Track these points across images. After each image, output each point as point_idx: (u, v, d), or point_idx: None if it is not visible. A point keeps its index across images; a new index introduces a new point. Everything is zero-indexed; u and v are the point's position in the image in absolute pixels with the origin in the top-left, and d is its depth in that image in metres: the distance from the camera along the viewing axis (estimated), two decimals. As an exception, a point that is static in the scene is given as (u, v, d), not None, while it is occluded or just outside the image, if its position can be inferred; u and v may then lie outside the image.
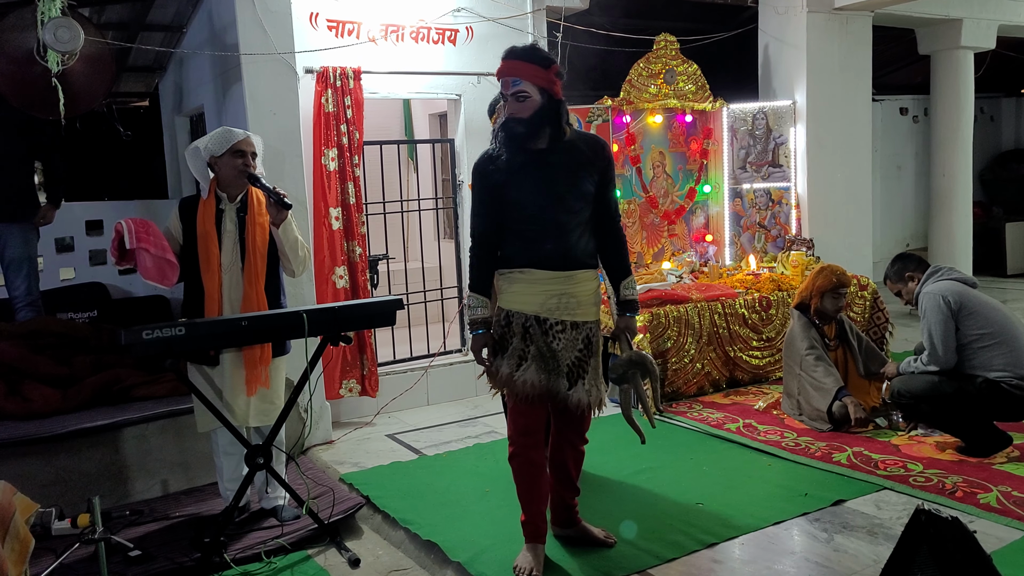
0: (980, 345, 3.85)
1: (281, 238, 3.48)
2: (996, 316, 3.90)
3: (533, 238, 2.94)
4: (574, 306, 2.95)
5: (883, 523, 3.29)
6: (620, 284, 3.10)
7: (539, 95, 2.86)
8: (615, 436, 4.22)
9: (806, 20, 6.46)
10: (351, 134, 4.90)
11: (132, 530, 3.53)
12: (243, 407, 3.46)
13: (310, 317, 3.26)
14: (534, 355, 2.93)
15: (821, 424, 4.41)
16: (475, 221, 3.06)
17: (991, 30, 7.86)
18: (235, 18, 4.36)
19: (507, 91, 2.87)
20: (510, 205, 2.95)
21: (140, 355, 3.11)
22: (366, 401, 5.16)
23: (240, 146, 3.42)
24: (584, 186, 2.96)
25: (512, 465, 3.06)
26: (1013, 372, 3.78)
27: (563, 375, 2.94)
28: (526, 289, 2.95)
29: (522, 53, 2.88)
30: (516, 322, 2.95)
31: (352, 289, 4.97)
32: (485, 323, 3.02)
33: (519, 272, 2.96)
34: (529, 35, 5.62)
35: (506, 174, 2.92)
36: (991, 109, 11.51)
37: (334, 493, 3.76)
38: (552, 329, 2.93)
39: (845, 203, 6.71)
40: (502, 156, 2.93)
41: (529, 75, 2.84)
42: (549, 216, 2.92)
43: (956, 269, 4.14)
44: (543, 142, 2.92)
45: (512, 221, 2.97)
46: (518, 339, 2.94)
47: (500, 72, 2.92)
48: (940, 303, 3.88)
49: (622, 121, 6.02)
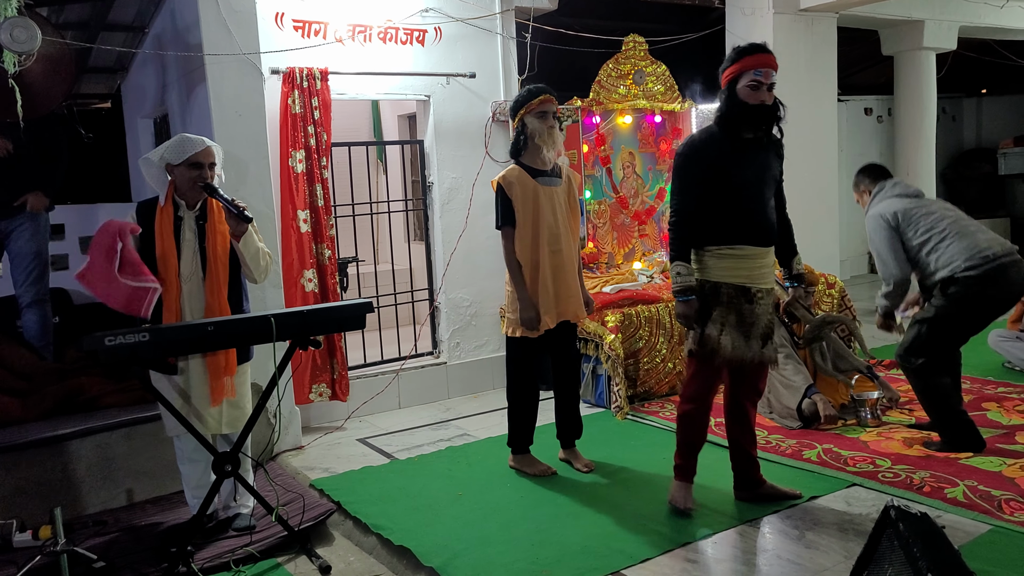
0: (931, 247, 3.94)
1: (242, 250, 3.40)
2: (941, 213, 4.02)
3: (746, 217, 3.30)
4: (767, 275, 3.38)
5: (853, 519, 3.32)
6: (791, 261, 3.56)
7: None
8: (587, 436, 4.21)
9: (772, 21, 6.53)
10: (319, 135, 4.85)
11: (96, 540, 3.45)
12: (215, 416, 3.40)
13: (278, 321, 3.20)
14: (732, 322, 3.29)
15: (791, 422, 4.44)
16: (683, 200, 3.35)
17: (952, 31, 8.00)
18: (198, 18, 4.28)
19: (766, 80, 3.21)
20: (728, 186, 3.28)
21: (103, 362, 3.03)
22: (336, 405, 5.11)
23: (197, 158, 3.31)
24: (776, 174, 3.42)
25: (684, 419, 3.48)
26: (966, 257, 3.84)
27: (759, 337, 3.33)
28: (736, 263, 3.30)
29: (768, 48, 3.27)
30: (724, 292, 3.30)
31: (321, 292, 4.91)
32: (692, 289, 3.32)
33: (729, 248, 3.30)
34: (498, 35, 5.61)
35: (729, 156, 3.27)
36: (953, 109, 11.71)
37: (304, 499, 3.71)
38: (755, 296, 3.31)
39: (812, 202, 6.78)
40: (722, 139, 3.28)
41: (777, 69, 3.26)
42: (759, 198, 3.32)
43: (902, 183, 4.26)
44: (769, 130, 3.31)
45: (726, 201, 3.29)
46: (723, 308, 3.30)
47: (760, 63, 3.21)
48: (880, 223, 4.06)
49: (592, 122, 6.03)
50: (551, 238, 3.85)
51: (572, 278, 3.92)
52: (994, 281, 3.84)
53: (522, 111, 3.86)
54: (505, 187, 3.86)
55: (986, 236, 3.95)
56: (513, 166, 3.92)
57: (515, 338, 3.95)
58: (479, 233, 5.62)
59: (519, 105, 3.87)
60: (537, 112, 3.82)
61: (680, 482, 3.52)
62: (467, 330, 5.68)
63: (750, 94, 3.23)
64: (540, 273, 3.86)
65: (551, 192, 3.88)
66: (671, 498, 3.50)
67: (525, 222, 3.85)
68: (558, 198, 3.89)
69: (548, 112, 3.82)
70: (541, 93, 3.83)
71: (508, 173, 3.90)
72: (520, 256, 3.87)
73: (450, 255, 5.54)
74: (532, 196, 3.84)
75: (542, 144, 3.82)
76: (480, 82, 5.55)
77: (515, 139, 3.91)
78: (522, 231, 3.85)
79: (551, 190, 3.88)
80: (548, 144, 3.82)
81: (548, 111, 3.82)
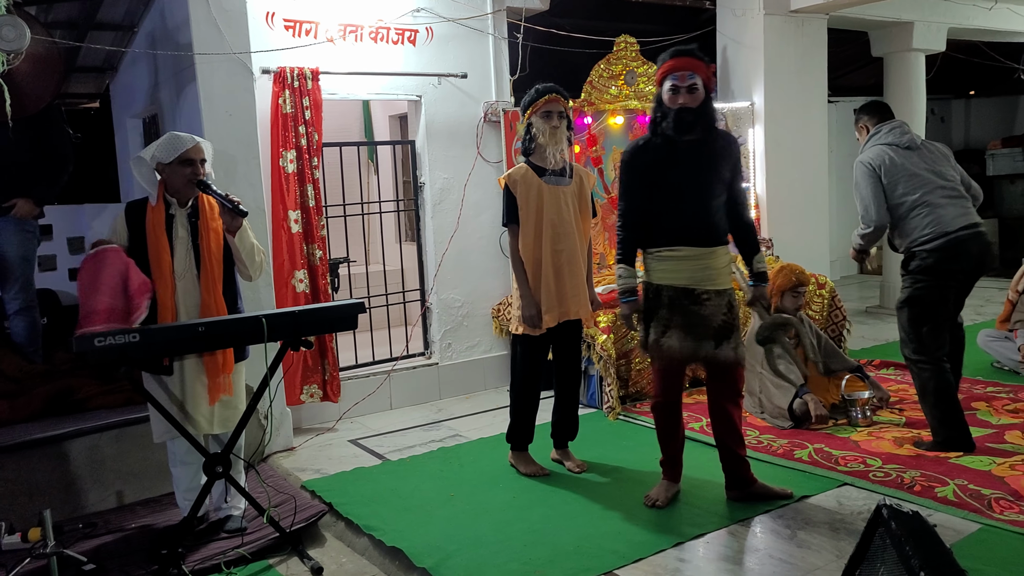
0: (900, 213, 4.03)
1: (237, 245, 3.39)
2: (920, 179, 4.01)
3: (683, 219, 3.36)
4: (714, 276, 3.38)
5: (844, 518, 3.33)
6: (752, 260, 3.56)
7: (703, 89, 3.31)
8: (579, 436, 4.21)
9: (763, 23, 6.54)
10: (310, 135, 4.83)
11: (86, 543, 3.43)
12: (207, 416, 3.37)
13: (270, 322, 3.19)
14: (678, 323, 3.34)
15: (783, 421, 4.45)
16: (625, 204, 3.47)
17: (941, 33, 8.04)
18: (188, 17, 4.26)
19: (683, 83, 3.27)
20: (665, 189, 3.35)
21: (92, 363, 3.01)
22: (328, 406, 5.09)
23: (189, 155, 3.30)
24: (723, 174, 3.41)
25: (654, 414, 3.59)
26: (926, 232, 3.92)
27: (711, 337, 3.35)
28: (676, 265, 3.37)
29: (693, 51, 3.33)
30: (665, 294, 3.37)
31: (312, 293, 4.90)
32: (633, 291, 3.46)
33: (668, 250, 3.37)
34: (490, 36, 5.61)
35: (664, 160, 3.34)
36: (941, 110, 11.77)
37: (296, 501, 3.70)
38: (700, 298, 3.34)
39: (803, 203, 6.80)
40: (659, 144, 3.35)
41: (701, 71, 3.30)
42: (699, 200, 3.35)
43: (898, 129, 4.16)
44: (699, 132, 3.31)
45: (664, 204, 3.37)
46: (665, 309, 3.37)
47: (676, 67, 3.29)
48: (866, 169, 4.11)
49: (583, 122, 6.02)
50: (554, 236, 3.86)
51: (577, 277, 3.92)
52: (953, 256, 3.92)
53: (529, 111, 3.89)
54: (510, 185, 3.90)
55: (952, 211, 3.97)
56: (521, 164, 3.97)
57: (519, 335, 3.97)
58: (471, 234, 5.61)
59: (526, 106, 3.91)
60: (542, 112, 3.84)
61: (663, 480, 3.62)
62: (459, 331, 5.67)
63: (671, 98, 3.32)
64: (542, 271, 3.87)
65: (557, 191, 3.88)
66: (646, 495, 3.59)
67: (528, 220, 3.87)
68: (566, 197, 3.90)
69: (552, 112, 3.83)
70: (547, 93, 3.85)
71: (515, 171, 3.94)
72: (523, 253, 3.89)
73: (442, 256, 5.53)
74: (536, 194, 3.86)
75: (545, 143, 3.84)
76: (472, 82, 5.54)
77: (524, 139, 3.95)
78: (525, 228, 3.88)
79: (558, 189, 3.89)
80: (551, 143, 3.83)
81: (552, 111, 3.83)
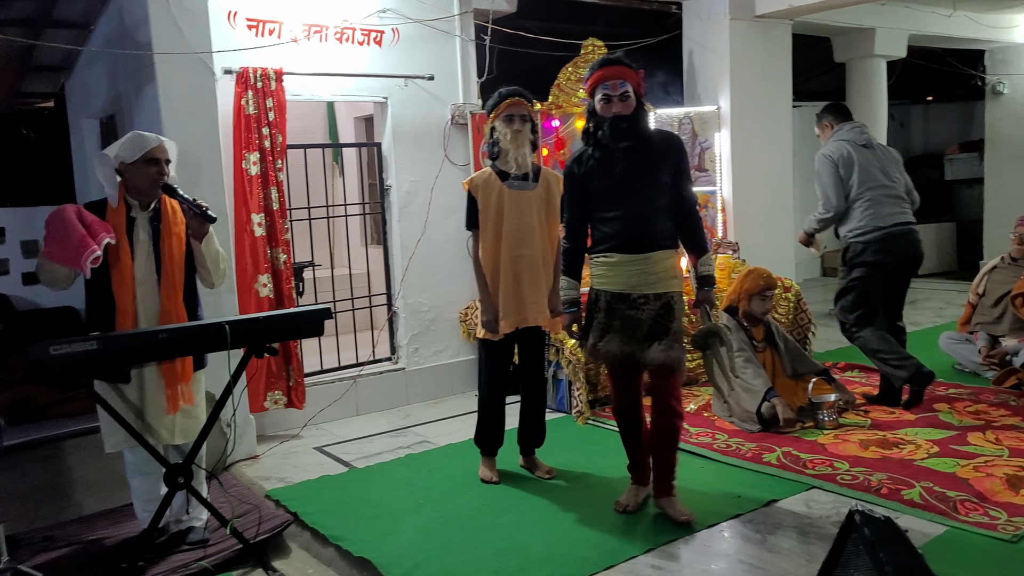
0: (847, 203, 4.61)
1: (203, 252, 3.31)
2: (869, 177, 4.58)
3: (617, 226, 3.36)
4: (654, 281, 3.36)
5: (813, 522, 3.35)
6: (698, 262, 3.53)
7: (634, 97, 3.34)
8: (548, 441, 4.19)
9: (729, 27, 6.58)
10: (273, 137, 4.75)
11: (43, 556, 3.32)
12: (168, 427, 3.28)
13: (233, 328, 3.11)
14: (616, 327, 3.38)
15: (751, 425, 4.47)
16: (567, 215, 3.54)
17: (902, 39, 8.18)
18: (147, 15, 4.15)
19: (614, 92, 3.30)
20: (598, 197, 3.38)
21: (49, 372, 2.91)
22: (292, 413, 5.00)
23: (154, 153, 3.22)
24: (662, 178, 3.38)
25: (615, 417, 3.66)
26: (862, 225, 4.53)
27: (642, 339, 3.36)
28: (610, 271, 3.39)
29: (621, 59, 3.37)
30: (602, 299, 3.42)
31: (277, 298, 4.81)
32: (575, 303, 3.53)
33: (603, 256, 3.41)
34: (457, 37, 5.56)
35: (599, 169, 3.36)
36: (901, 115, 11.98)
37: (260, 510, 3.62)
38: (637, 302, 3.36)
39: (768, 206, 6.86)
40: (594, 154, 3.38)
41: (631, 78, 3.33)
42: (631, 206, 3.34)
43: (857, 129, 4.76)
44: (632, 139, 3.32)
45: (599, 211, 3.40)
46: (603, 314, 3.42)
47: (606, 76, 3.31)
48: (827, 161, 4.64)
49: (551, 125, 6.01)
50: (515, 242, 3.82)
51: (537, 284, 3.87)
52: (882, 248, 4.50)
53: (492, 115, 3.86)
54: (472, 189, 3.87)
55: (889, 209, 4.55)
56: (486, 168, 3.93)
57: (483, 339, 3.94)
58: (438, 237, 5.56)
59: (490, 109, 3.88)
60: (504, 115, 3.81)
61: (632, 485, 3.65)
62: (426, 335, 5.62)
63: (604, 107, 3.35)
64: (501, 276, 3.84)
65: (519, 195, 3.85)
66: (616, 500, 3.60)
67: (487, 224, 3.83)
68: (529, 202, 3.86)
69: (514, 115, 3.80)
70: (510, 96, 3.82)
71: (477, 175, 3.91)
72: (483, 258, 3.87)
73: (408, 259, 5.48)
74: (496, 199, 3.82)
75: (507, 147, 3.81)
76: (439, 84, 5.50)
77: (489, 143, 3.92)
78: (485, 233, 3.85)
79: (521, 194, 3.85)
80: (512, 147, 3.80)
81: (514, 114, 3.80)
